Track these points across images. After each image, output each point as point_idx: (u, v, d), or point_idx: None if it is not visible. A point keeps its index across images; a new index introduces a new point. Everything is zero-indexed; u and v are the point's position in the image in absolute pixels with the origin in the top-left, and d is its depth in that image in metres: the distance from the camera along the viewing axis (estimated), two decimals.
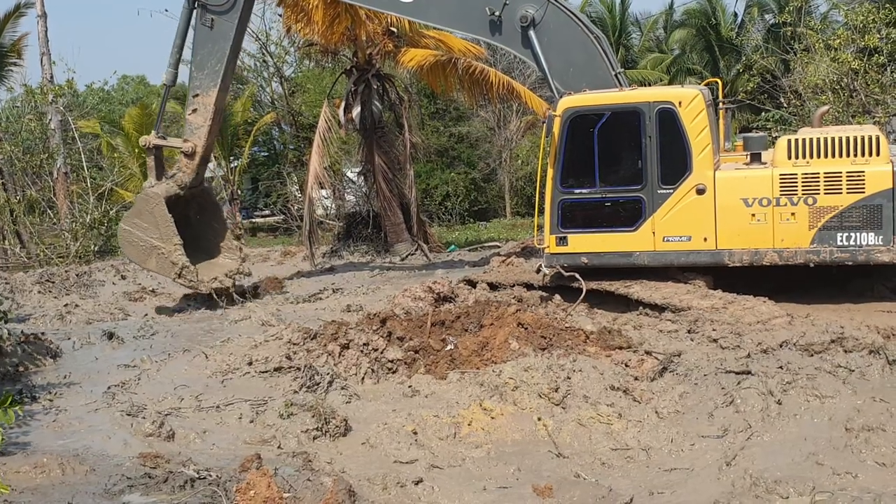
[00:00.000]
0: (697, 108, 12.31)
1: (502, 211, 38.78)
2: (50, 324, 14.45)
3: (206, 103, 16.00)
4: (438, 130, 37.21)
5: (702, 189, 12.25)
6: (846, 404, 8.08)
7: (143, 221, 15.73)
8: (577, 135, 12.77)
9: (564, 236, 12.86)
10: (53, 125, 30.81)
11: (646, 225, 12.51)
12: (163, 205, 15.53)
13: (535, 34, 13.87)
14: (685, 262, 12.48)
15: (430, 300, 12.17)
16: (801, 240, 11.94)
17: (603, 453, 7.77)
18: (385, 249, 21.73)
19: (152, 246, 15.61)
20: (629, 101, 12.75)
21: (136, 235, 15.74)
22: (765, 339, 10.12)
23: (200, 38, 15.95)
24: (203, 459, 7.67)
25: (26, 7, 32.01)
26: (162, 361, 11.05)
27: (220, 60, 15.85)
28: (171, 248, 15.43)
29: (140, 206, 15.94)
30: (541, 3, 13.91)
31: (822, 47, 23.47)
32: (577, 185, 12.89)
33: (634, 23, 46.74)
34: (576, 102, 12.83)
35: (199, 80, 15.99)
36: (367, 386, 9.76)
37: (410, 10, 15.24)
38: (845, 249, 11.78)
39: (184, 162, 16.08)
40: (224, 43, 15.81)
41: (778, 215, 12.00)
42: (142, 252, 15.76)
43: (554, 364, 8.99)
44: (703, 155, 12.27)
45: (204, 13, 15.72)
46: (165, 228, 15.50)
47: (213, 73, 15.88)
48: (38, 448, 7.86)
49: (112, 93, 53.64)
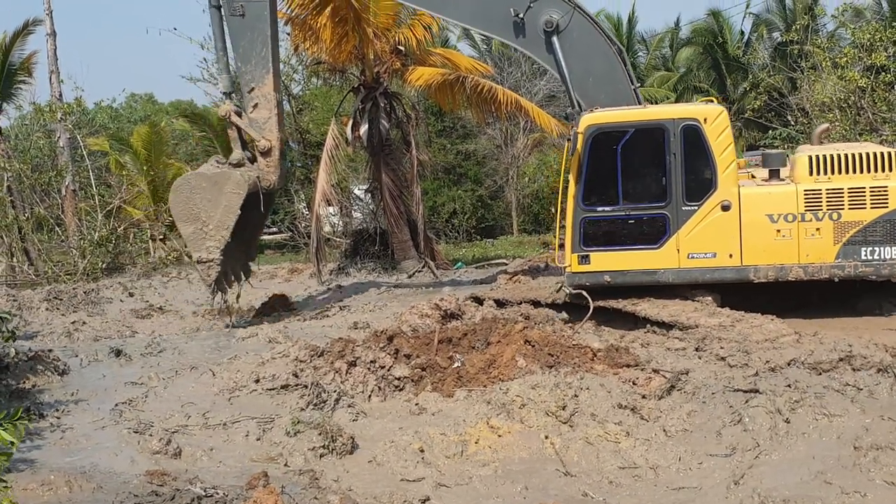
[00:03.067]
0: (723, 124, 12.37)
1: (509, 228, 38.78)
2: (57, 341, 14.46)
3: (264, 94, 15.26)
4: (445, 148, 37.25)
5: (727, 205, 12.26)
6: (855, 423, 8.04)
7: (209, 193, 14.77)
8: (599, 152, 12.71)
9: (587, 255, 12.79)
10: (62, 143, 30.95)
11: (670, 242, 12.49)
12: (241, 197, 14.68)
13: (558, 40, 13.75)
14: (710, 278, 12.46)
15: (437, 317, 12.19)
16: (825, 255, 12.04)
17: (611, 472, 7.75)
18: (392, 266, 21.75)
19: (200, 219, 14.74)
20: (653, 118, 12.76)
21: (193, 197, 14.80)
22: (773, 357, 10.09)
23: (236, 30, 15.23)
24: (210, 477, 7.66)
25: (35, 25, 32.21)
26: (169, 379, 11.04)
27: (263, 44, 15.13)
28: (217, 237, 14.68)
29: (219, 179, 14.86)
30: (565, 10, 13.80)
31: (829, 65, 23.48)
32: (600, 203, 12.84)
33: (641, 41, 46.85)
34: (598, 119, 12.80)
35: (249, 74, 15.24)
36: (373, 403, 9.75)
37: (429, 2, 15.07)
38: (869, 264, 11.93)
39: (262, 162, 15.27)
40: (262, 24, 15.10)
41: (803, 231, 12.09)
42: (187, 212, 14.81)
43: (561, 382, 8.97)
44: (729, 171, 12.32)
45: (231, 2, 15.03)
46: (225, 217, 14.68)
47: (262, 60, 15.15)
48: (45, 465, 7.84)
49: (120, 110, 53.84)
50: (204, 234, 14.74)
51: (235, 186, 14.74)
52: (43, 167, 30.97)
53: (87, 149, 32.39)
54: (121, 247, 26.14)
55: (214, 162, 15.45)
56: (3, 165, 29.67)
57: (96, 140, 34.32)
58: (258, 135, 15.17)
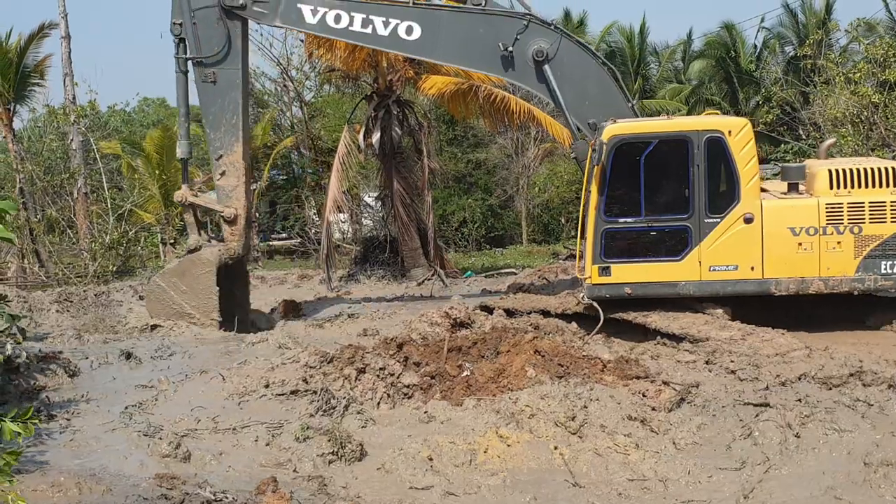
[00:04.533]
0: (747, 136, 12.37)
1: (519, 238, 38.78)
2: (68, 343, 14.48)
3: (233, 162, 15.08)
4: (456, 156, 37.32)
5: (750, 218, 12.26)
6: (865, 439, 8.02)
7: (183, 284, 14.62)
8: (622, 163, 12.67)
9: (608, 266, 12.74)
10: (75, 146, 31.08)
11: (692, 254, 12.47)
12: (213, 275, 14.51)
13: (549, 68, 13.79)
14: (731, 291, 12.45)
15: (447, 326, 12.17)
16: (846, 268, 12.07)
17: (619, 484, 7.73)
18: (402, 274, 21.78)
19: (184, 312, 14.55)
20: (677, 130, 12.75)
21: (169, 296, 14.60)
22: (783, 371, 10.08)
23: (207, 96, 15.00)
24: (219, 482, 7.67)
25: (50, 28, 32.36)
26: (179, 382, 11.06)
27: (234, 112, 14.95)
28: (206, 322, 14.45)
29: (186, 267, 14.76)
30: (553, 38, 13.89)
31: (842, 80, 23.47)
32: (622, 214, 12.80)
33: (653, 53, 46.81)
34: (622, 130, 12.76)
35: (218, 141, 15.07)
36: (382, 411, 9.74)
37: (415, 47, 14.73)
38: (889, 277, 12.02)
39: (228, 230, 15.14)
40: (234, 92, 14.92)
41: (824, 244, 12.09)
42: (169, 312, 14.61)
43: (571, 392, 8.96)
44: (752, 184, 12.32)
45: (203, 69, 14.77)
46: (207, 300, 14.49)
47: (232, 128, 14.98)
48: (54, 467, 7.86)
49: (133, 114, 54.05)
50: (197, 323, 14.54)
51: (204, 266, 14.62)
52: (55, 169, 31.09)
53: (100, 152, 32.52)
54: (131, 250, 26.21)
55: (174, 260, 15.48)
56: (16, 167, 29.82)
57: (109, 143, 34.45)
58: (223, 205, 15.10)
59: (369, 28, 14.36)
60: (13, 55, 32.43)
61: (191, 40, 14.67)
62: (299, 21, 14.77)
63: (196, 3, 14.54)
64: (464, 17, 14.31)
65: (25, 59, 32.84)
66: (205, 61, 14.65)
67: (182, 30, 14.64)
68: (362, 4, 14.38)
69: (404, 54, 17.30)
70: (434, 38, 14.36)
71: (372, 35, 14.45)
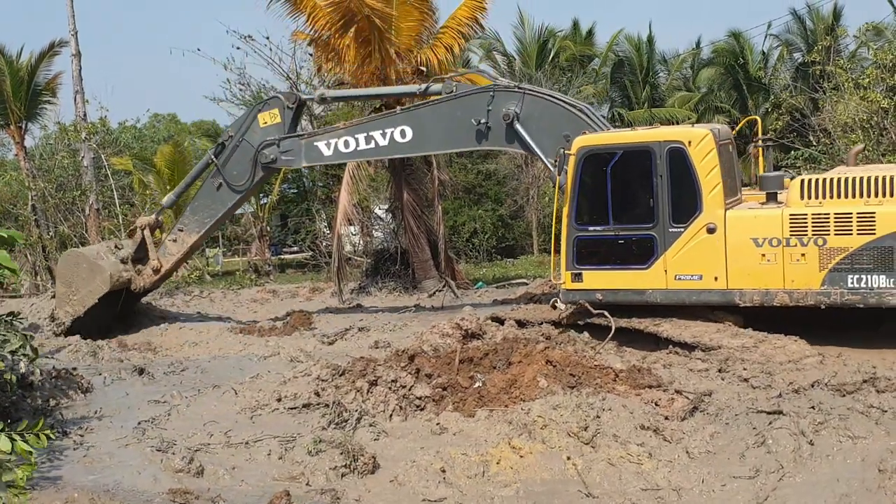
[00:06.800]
0: (707, 147, 12.37)
1: (530, 248, 38.73)
2: (81, 359, 14.55)
3: (185, 241, 17.63)
4: (466, 167, 37.29)
5: (712, 228, 12.26)
6: (879, 445, 7.98)
7: (84, 273, 16.79)
8: (590, 173, 13.03)
9: (580, 273, 13.07)
10: (86, 162, 31.21)
11: (658, 263, 12.57)
12: (104, 291, 16.71)
13: (521, 126, 14.73)
14: (697, 300, 12.48)
15: (458, 337, 12.19)
16: (811, 281, 11.79)
17: (633, 493, 7.71)
18: (413, 286, 21.76)
19: (71, 287, 16.82)
20: (640, 141, 12.91)
21: (74, 269, 16.88)
22: (796, 378, 10.04)
23: (204, 190, 17.58)
24: (232, 496, 7.69)
25: (61, 46, 32.58)
26: (192, 397, 11.09)
27: (211, 217, 17.48)
28: (75, 308, 16.72)
29: (94, 268, 16.80)
30: (518, 97, 14.88)
31: (851, 86, 23.41)
32: (591, 223, 13.08)
33: (662, 61, 46.81)
34: (589, 141, 13.13)
35: (188, 220, 17.65)
36: (395, 423, 9.75)
37: (410, 147, 16.29)
38: (856, 292, 11.55)
39: (148, 272, 17.44)
40: (220, 208, 17.39)
41: (788, 256, 11.89)
42: (66, 276, 17.00)
43: (583, 402, 8.95)
44: (713, 194, 12.30)
45: (217, 176, 17.19)
46: (86, 298, 16.72)
47: (201, 224, 17.51)
48: (68, 483, 7.89)
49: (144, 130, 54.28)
50: (68, 300, 16.85)
51: (102, 283, 16.77)
52: (67, 186, 31.24)
53: (111, 168, 32.65)
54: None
55: (113, 247, 17.73)
56: (28, 184, 29.98)
57: (120, 160, 34.60)
58: (156, 255, 17.49)
59: (372, 143, 16.18)
60: (24, 73, 32.70)
61: (226, 152, 17.08)
62: (320, 156, 16.84)
63: (250, 137, 16.89)
64: (442, 108, 15.68)
65: (36, 78, 33.11)
66: (227, 179, 17.10)
67: (227, 140, 17.11)
68: (361, 125, 16.46)
69: (404, 156, 18.86)
70: (422, 133, 15.86)
71: (375, 148, 16.25)
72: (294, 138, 16.78)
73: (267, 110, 16.93)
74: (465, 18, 21.65)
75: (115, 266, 17.04)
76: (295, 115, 17.02)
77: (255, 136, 16.87)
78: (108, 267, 16.91)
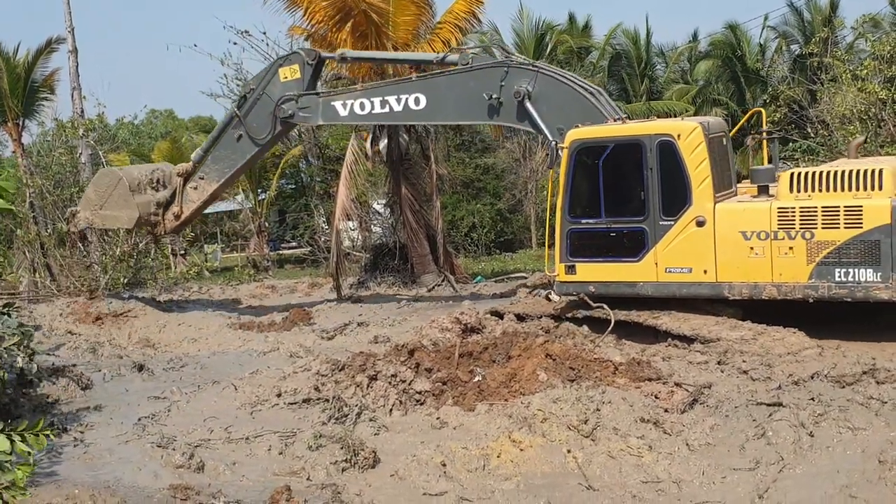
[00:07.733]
0: (696, 140, 12.39)
1: (528, 242, 38.75)
2: (81, 356, 14.55)
3: (206, 189, 17.88)
4: (464, 162, 37.31)
5: (702, 221, 12.29)
6: (879, 437, 7.98)
7: (116, 198, 17.49)
8: (582, 166, 13.14)
9: (573, 265, 13.21)
10: (84, 159, 31.12)
11: (649, 255, 12.65)
12: (127, 226, 18.16)
13: (531, 105, 14.65)
14: (687, 293, 12.55)
15: (458, 331, 12.17)
16: (798, 274, 11.79)
17: (633, 486, 7.72)
18: (412, 280, 21.74)
19: (103, 200, 17.66)
20: (631, 134, 13.01)
21: (107, 186, 17.65)
22: (796, 370, 10.05)
23: (225, 140, 17.71)
24: (233, 491, 7.69)
25: (58, 43, 32.51)
26: (191, 393, 11.10)
27: (230, 167, 17.74)
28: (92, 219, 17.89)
29: (129, 197, 17.43)
30: (531, 76, 14.79)
31: (848, 77, 23.38)
32: (584, 215, 13.24)
33: (659, 54, 46.77)
34: (582, 135, 13.19)
35: (209, 168, 17.79)
36: (395, 417, 9.76)
37: (424, 115, 16.51)
38: (843, 285, 11.56)
39: (169, 217, 18.03)
40: (240, 159, 17.68)
41: (776, 249, 11.90)
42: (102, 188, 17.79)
43: (583, 396, 8.95)
44: (703, 187, 12.32)
45: (238, 127, 17.38)
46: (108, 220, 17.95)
47: (221, 173, 17.73)
48: (69, 479, 7.89)
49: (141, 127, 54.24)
50: (92, 208, 17.78)
51: (129, 220, 17.73)
52: (65, 183, 31.12)
53: (109, 164, 32.59)
54: (142, 262, 26.20)
55: (154, 180, 18.14)
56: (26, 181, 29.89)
57: (118, 156, 34.59)
58: (179, 201, 17.91)
59: (387, 108, 16.28)
60: (21, 70, 32.63)
61: (248, 104, 17.25)
62: (336, 115, 17.01)
63: (271, 91, 17.01)
64: (456, 78, 15.64)
65: (33, 74, 33.04)
66: (249, 131, 17.29)
67: (249, 93, 17.28)
68: (377, 89, 16.60)
69: (417, 123, 19.60)
70: (436, 102, 15.94)
71: (390, 113, 16.40)
72: (312, 95, 16.96)
73: (288, 65, 17.05)
74: (463, 13, 21.63)
75: (146, 208, 17.64)
76: (315, 72, 17.19)
77: (275, 90, 17.02)
78: (140, 209, 17.51)
